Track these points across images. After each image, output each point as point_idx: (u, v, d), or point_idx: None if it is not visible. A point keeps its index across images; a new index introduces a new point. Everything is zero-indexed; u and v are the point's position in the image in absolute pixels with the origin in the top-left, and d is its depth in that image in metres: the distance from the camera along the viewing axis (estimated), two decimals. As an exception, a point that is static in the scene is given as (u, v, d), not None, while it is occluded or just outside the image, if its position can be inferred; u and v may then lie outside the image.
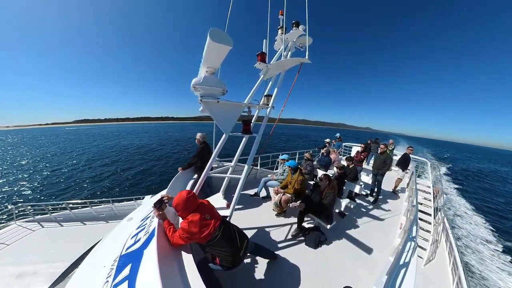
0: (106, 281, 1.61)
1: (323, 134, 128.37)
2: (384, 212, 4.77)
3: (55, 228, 5.02)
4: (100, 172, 19.02)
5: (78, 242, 4.19)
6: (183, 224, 1.86)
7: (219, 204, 3.11)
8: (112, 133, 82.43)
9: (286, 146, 41.82)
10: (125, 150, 32.31)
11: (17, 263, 3.82)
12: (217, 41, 2.00)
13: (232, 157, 3.90)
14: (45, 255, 3.95)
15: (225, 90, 2.62)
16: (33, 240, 4.56)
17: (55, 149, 37.29)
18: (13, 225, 5.12)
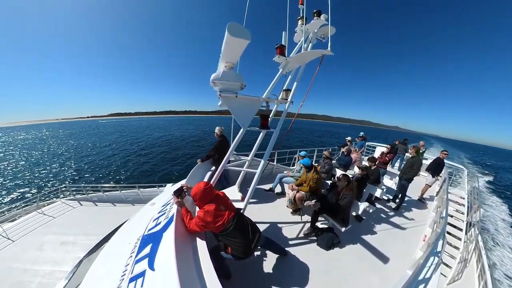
0: (130, 256, 1.83)
1: (346, 131, 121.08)
2: (407, 220, 4.37)
3: (90, 207, 5.66)
4: (130, 161, 21.14)
5: (109, 220, 4.69)
6: (199, 213, 1.97)
7: (234, 196, 3.20)
8: (141, 125, 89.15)
9: (304, 143, 40.36)
10: (152, 141, 34.96)
11: (61, 233, 4.43)
12: (235, 35, 2.00)
13: (249, 152, 3.94)
14: (82, 228, 4.50)
15: (243, 84, 2.63)
16: (73, 216, 5.22)
17: (94, 139, 41.95)
18: (58, 202, 5.94)
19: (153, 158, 21.55)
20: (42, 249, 4.00)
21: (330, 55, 2.85)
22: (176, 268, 1.44)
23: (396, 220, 4.29)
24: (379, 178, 4.42)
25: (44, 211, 5.48)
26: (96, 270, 2.06)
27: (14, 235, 4.56)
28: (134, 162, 20.46)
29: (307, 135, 58.21)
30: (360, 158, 6.48)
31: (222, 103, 2.74)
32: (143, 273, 1.56)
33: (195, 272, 1.68)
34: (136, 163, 20.03)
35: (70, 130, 78.31)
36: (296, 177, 4.46)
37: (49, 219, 5.10)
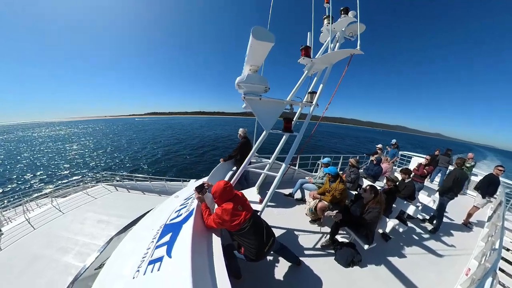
0: (152, 241, 1.98)
1: (377, 137, 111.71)
2: (445, 247, 3.74)
3: (124, 193, 6.30)
4: (160, 155, 23.42)
5: (138, 206, 5.15)
6: (218, 210, 2.04)
7: (252, 197, 3.20)
8: (174, 124, 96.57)
9: (329, 148, 38.38)
10: (182, 139, 37.77)
11: (99, 212, 5.03)
12: (260, 39, 2.01)
13: (271, 154, 3.91)
14: (116, 210, 5.03)
15: (268, 87, 2.61)
16: (110, 199, 5.88)
17: (131, 134, 47.69)
18: (99, 186, 6.79)
19: (181, 155, 23.31)
20: (83, 223, 4.61)
21: (359, 54, 2.65)
22: (190, 259, 1.50)
23: (431, 245, 3.71)
24: (413, 193, 3.94)
25: (88, 192, 6.31)
26: (123, 249, 2.30)
27: (64, 209, 5.36)
28: (164, 157, 22.60)
29: (332, 140, 55.03)
30: (392, 169, 5.89)
31: (246, 106, 2.77)
32: (161, 259, 1.67)
33: (207, 266, 1.73)
34: (166, 158, 22.05)
35: (113, 126, 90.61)
36: (318, 184, 4.27)
37: (91, 199, 5.85)
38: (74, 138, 45.49)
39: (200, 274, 1.53)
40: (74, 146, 34.07)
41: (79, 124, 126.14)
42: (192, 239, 1.72)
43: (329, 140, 54.28)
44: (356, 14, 2.74)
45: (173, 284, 1.45)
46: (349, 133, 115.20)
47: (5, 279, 3.33)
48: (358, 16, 2.72)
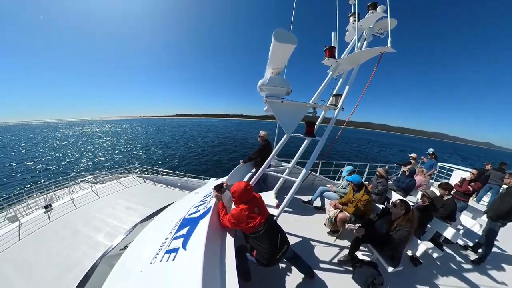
0: (170, 232, 2.12)
1: (412, 144, 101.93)
2: (494, 283, 3.07)
3: (151, 185, 6.81)
4: (185, 153, 25.28)
5: (161, 198, 5.55)
6: (234, 210, 2.05)
7: (270, 201, 3.16)
8: (200, 125, 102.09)
9: (354, 155, 35.43)
10: (206, 140, 40.02)
11: (128, 200, 5.50)
12: (282, 41, 1.99)
13: (291, 159, 3.81)
14: (142, 200, 5.45)
15: (290, 90, 2.56)
16: (138, 189, 6.41)
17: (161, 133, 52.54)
18: (130, 176, 7.46)
19: (204, 154, 24.53)
20: (114, 208, 5.10)
21: (390, 52, 2.41)
22: (203, 254, 1.55)
23: (474, 278, 3.08)
24: (454, 214, 3.39)
25: (121, 181, 6.98)
26: (144, 235, 2.47)
27: (100, 194, 6.03)
28: (188, 155, 24.28)
29: (358, 147, 51.01)
30: (428, 183, 5.23)
31: (268, 108, 2.75)
32: (177, 250, 1.77)
33: (218, 263, 1.76)
34: (190, 156, 23.62)
35: (146, 125, 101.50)
36: (340, 193, 4.02)
37: (123, 188, 6.47)
38: (114, 135, 53.53)
39: (210, 270, 1.56)
40: (114, 141, 40.11)
41: (119, 123, 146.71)
42: (207, 236, 1.77)
43: (354, 146, 50.46)
44: (386, 9, 2.50)
45: (185, 276, 1.51)
46: (378, 139, 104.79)
47: (53, 246, 3.93)
48: (388, 10, 2.48)
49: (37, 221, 4.80)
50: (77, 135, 54.74)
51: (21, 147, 35.61)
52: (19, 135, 63.95)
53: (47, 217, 4.90)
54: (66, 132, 66.06)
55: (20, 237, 4.27)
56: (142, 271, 1.76)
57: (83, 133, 61.75)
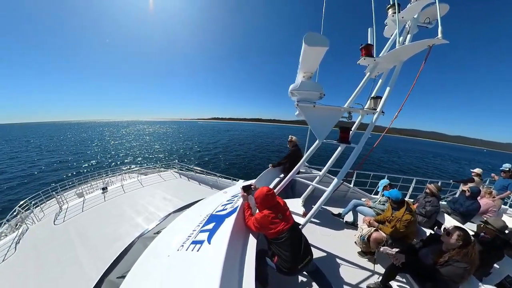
0: (198, 225, 2.30)
1: (477, 157, 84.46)
2: None
3: (185, 180, 7.39)
4: (218, 154, 26.96)
5: (193, 194, 5.93)
6: (257, 215, 2.09)
7: (296, 209, 3.08)
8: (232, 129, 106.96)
9: (397, 166, 30.40)
10: (239, 142, 42.00)
11: (165, 191, 6.06)
12: (313, 44, 1.94)
13: (322, 166, 3.62)
14: (177, 193, 5.93)
15: (322, 93, 2.45)
16: (174, 183, 7.03)
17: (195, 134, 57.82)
18: (169, 171, 8.29)
19: (235, 157, 25.60)
20: (153, 197, 5.69)
21: (441, 44, 2.02)
22: (225, 251, 1.61)
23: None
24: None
25: (161, 175, 7.82)
26: (175, 225, 2.71)
27: (144, 183, 6.85)
28: (221, 156, 25.81)
29: (403, 157, 43.78)
30: (499, 208, 4.17)
31: (299, 113, 2.67)
32: (202, 242, 1.89)
33: (238, 262, 1.80)
34: (222, 157, 25.07)
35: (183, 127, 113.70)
36: (376, 209, 3.60)
37: (162, 180, 7.21)
38: (158, 135, 62.15)
39: (230, 268, 1.60)
40: (157, 140, 46.85)
41: (161, 124, 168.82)
42: (231, 234, 1.84)
43: (398, 157, 43.64)
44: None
45: (206, 268, 1.59)
46: (429, 150, 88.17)
47: (104, 220, 4.67)
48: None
49: (96, 199, 5.81)
50: (132, 133, 66.96)
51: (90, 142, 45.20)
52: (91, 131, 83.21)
53: (103, 197, 5.87)
54: (123, 131, 79.32)
55: (83, 210, 5.27)
56: (169, 256, 1.93)
57: (135, 131, 72.81)
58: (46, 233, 4.52)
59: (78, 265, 3.39)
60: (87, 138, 52.47)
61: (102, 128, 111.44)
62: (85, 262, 3.43)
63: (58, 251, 3.83)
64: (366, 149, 2.66)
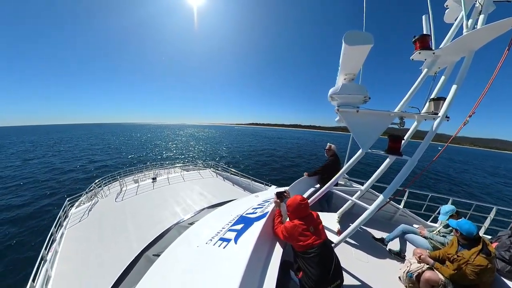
0: (227, 223, 2.37)
1: None
2: None
3: (220, 180, 7.82)
4: (253, 158, 27.78)
5: (226, 193, 6.22)
6: (287, 224, 2.02)
7: (330, 225, 2.84)
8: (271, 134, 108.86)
9: (466, 188, 21.74)
10: (274, 148, 42.17)
11: (202, 188, 6.53)
12: (354, 44, 1.76)
13: (365, 180, 3.21)
14: (212, 191, 6.30)
15: (367, 97, 2.21)
16: (210, 181, 7.51)
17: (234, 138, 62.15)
18: (207, 170, 9.02)
19: (270, 162, 25.56)
20: (192, 191, 6.23)
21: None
22: (250, 254, 1.62)
23: None
24: None
25: (200, 172, 8.54)
26: (207, 219, 2.89)
27: (185, 178, 7.60)
28: (256, 160, 26.38)
29: (476, 176, 32.39)
30: None
31: (339, 119, 2.48)
32: (229, 241, 1.96)
33: (261, 269, 1.76)
34: (257, 161, 25.52)
35: (221, 131, 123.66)
36: (434, 242, 2.93)
37: (200, 177, 7.83)
38: (198, 137, 70.51)
39: (252, 272, 1.59)
40: (198, 142, 52.78)
41: (202, 128, 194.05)
42: (257, 238, 1.84)
43: (469, 175, 32.35)
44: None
45: (229, 266, 1.63)
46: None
47: (150, 205, 5.37)
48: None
49: (147, 186, 6.80)
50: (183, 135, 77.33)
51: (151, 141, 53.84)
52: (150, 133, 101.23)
53: (152, 186, 6.82)
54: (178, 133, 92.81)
55: (137, 193, 6.25)
56: (198, 246, 2.06)
57: (181, 134, 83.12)
58: (108, 207, 5.61)
59: (126, 236, 4.01)
60: (152, 138, 64.09)
61: (162, 130, 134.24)
62: (131, 235, 4.03)
63: (114, 222, 4.69)
64: (422, 163, 2.21)
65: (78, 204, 6.25)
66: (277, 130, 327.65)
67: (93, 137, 65.08)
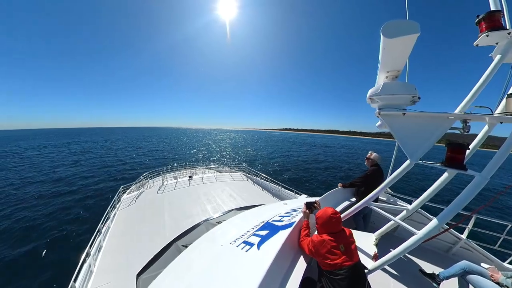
0: (252, 228, 2.41)
1: None
2: None
3: (250, 184, 7.92)
4: (284, 164, 27.35)
5: (255, 197, 6.28)
6: (315, 237, 1.88)
7: (365, 246, 2.51)
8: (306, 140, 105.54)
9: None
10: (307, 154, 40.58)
11: (232, 190, 6.73)
12: (395, 36, 1.53)
13: (414, 197, 2.71)
14: (241, 194, 6.41)
15: (416, 96, 1.86)
16: (240, 184, 7.70)
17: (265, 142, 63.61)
18: (238, 173, 9.35)
19: (302, 169, 24.32)
20: (222, 192, 6.47)
21: None
22: (271, 263, 1.58)
23: None
24: None
25: (231, 175, 8.89)
26: (234, 221, 2.99)
27: (218, 179, 8.03)
28: (287, 166, 25.68)
29: None
30: None
31: (381, 124, 2.20)
32: (252, 245, 1.97)
33: (280, 280, 1.68)
34: (288, 167, 24.81)
35: (254, 136, 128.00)
36: None
37: (231, 180, 8.12)
38: (233, 140, 75.05)
39: (270, 283, 1.54)
40: (231, 145, 55.99)
41: (236, 132, 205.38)
42: (281, 247, 1.79)
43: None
44: None
45: (249, 271, 1.63)
46: None
47: (186, 200, 5.84)
48: None
49: (184, 183, 7.47)
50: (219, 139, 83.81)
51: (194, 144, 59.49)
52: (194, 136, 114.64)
53: (188, 183, 7.45)
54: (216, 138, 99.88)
55: (175, 188, 6.95)
56: (222, 245, 2.15)
57: (217, 139, 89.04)
58: (151, 197, 6.40)
59: (162, 224, 4.50)
60: (191, 141, 71.74)
61: (200, 133, 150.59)
62: (166, 224, 4.49)
63: (155, 211, 5.31)
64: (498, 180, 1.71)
65: (129, 192, 7.36)
66: (313, 135, 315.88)
67: (145, 138, 78.05)
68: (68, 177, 17.38)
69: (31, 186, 14.53)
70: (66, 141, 60.42)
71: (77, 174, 18.59)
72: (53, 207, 10.80)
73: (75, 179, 16.74)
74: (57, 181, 15.99)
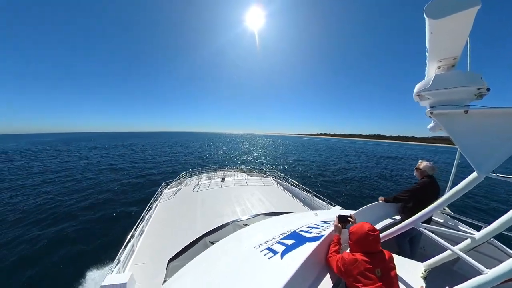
0: (278, 235, 2.33)
1: None
2: None
3: (280, 189, 7.73)
4: (318, 171, 25.72)
5: (283, 204, 6.10)
6: (347, 255, 1.60)
7: (409, 276, 1.96)
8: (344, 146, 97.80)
9: None
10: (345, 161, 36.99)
11: (262, 194, 6.71)
12: (445, 15, 1.18)
13: (484, 222, 2.14)
14: (270, 199, 6.31)
15: (485, 87, 1.41)
16: (270, 189, 7.59)
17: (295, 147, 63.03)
18: (269, 178, 9.27)
19: (337, 178, 22.22)
20: (252, 195, 6.49)
21: None
22: (292, 275, 1.48)
23: None
24: None
25: (262, 179, 8.91)
26: (261, 225, 3.01)
27: (248, 182, 8.16)
28: (321, 174, 24.00)
29: None
30: None
31: (434, 126, 1.81)
32: (275, 253, 1.91)
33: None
34: (322, 175, 23.17)
35: (287, 141, 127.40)
36: None
37: (261, 184, 8.12)
38: (268, 146, 75.35)
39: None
40: (264, 150, 57.07)
41: (267, 138, 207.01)
42: (305, 260, 1.67)
43: None
44: None
45: (268, 279, 1.57)
46: None
47: (217, 200, 6.14)
48: None
49: (217, 184, 7.88)
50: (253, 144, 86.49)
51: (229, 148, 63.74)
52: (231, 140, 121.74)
53: (221, 184, 7.80)
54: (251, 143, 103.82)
55: (208, 188, 7.41)
56: (246, 248, 2.14)
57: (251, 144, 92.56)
58: (187, 194, 6.98)
59: (194, 219, 4.86)
60: (227, 145, 76.26)
61: (235, 138, 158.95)
62: (198, 220, 4.83)
63: (189, 207, 5.78)
64: None
65: (169, 187, 8.18)
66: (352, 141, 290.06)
67: (184, 142, 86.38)
68: (126, 168, 23.28)
69: (103, 175, 19.95)
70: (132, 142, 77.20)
71: (134, 167, 24.24)
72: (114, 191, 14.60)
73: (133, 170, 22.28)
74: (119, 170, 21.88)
